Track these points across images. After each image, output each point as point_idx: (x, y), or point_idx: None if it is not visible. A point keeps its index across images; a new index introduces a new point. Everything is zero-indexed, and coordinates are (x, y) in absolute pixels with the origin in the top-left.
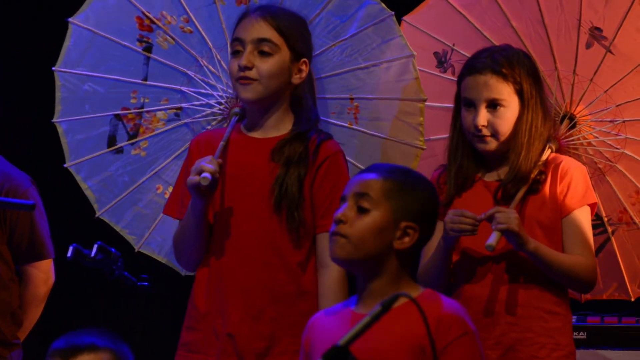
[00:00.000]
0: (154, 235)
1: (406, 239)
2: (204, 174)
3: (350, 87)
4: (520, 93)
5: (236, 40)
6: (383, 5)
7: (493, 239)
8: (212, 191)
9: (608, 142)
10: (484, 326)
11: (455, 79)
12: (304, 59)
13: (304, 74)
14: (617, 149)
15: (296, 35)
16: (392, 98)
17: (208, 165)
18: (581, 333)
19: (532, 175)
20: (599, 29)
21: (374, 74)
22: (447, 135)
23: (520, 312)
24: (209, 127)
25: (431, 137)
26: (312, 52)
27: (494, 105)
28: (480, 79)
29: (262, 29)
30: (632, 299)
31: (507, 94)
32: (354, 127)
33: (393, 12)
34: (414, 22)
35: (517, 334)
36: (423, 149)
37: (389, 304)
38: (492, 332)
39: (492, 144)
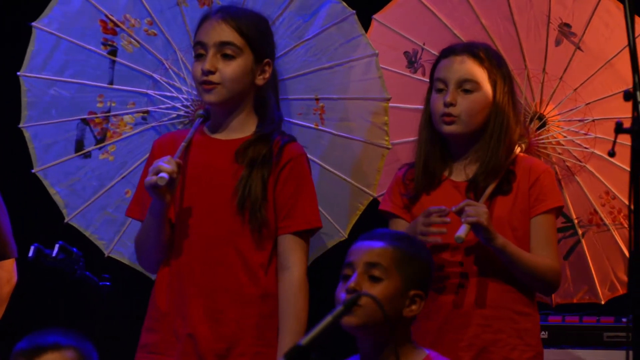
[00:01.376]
0: (123, 240)
1: (414, 307)
2: (161, 174)
3: (315, 88)
4: (493, 86)
5: (198, 44)
6: (344, 4)
7: (462, 231)
8: (171, 191)
9: (577, 141)
10: (457, 328)
11: (425, 79)
12: (267, 60)
13: (267, 75)
14: (586, 148)
15: (258, 36)
16: (356, 97)
17: (166, 165)
18: (543, 332)
19: (502, 173)
20: (568, 25)
21: (338, 73)
22: (415, 138)
23: (492, 313)
24: (175, 130)
25: (397, 140)
26: (274, 52)
27: (466, 89)
28: (456, 59)
29: (224, 32)
30: (603, 302)
31: (480, 78)
32: (320, 127)
33: (354, 11)
34: (384, 21)
35: (489, 335)
36: (389, 148)
37: (350, 304)
38: (464, 334)
39: (459, 127)
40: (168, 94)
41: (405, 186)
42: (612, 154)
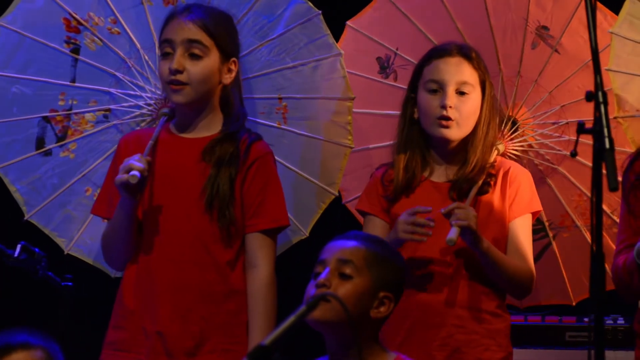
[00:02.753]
0: (83, 237)
1: (382, 309)
2: (132, 172)
3: (278, 87)
4: (482, 88)
5: (165, 42)
6: (310, 4)
7: (454, 233)
8: (141, 189)
9: (550, 144)
10: (431, 327)
11: (398, 84)
12: (233, 59)
13: (233, 74)
14: (559, 151)
15: (225, 35)
16: (320, 97)
17: (137, 163)
18: None
19: (484, 175)
20: (546, 28)
21: (302, 73)
22: (386, 144)
23: (466, 314)
24: (138, 128)
25: (370, 146)
26: (239, 50)
27: (462, 92)
28: (451, 61)
29: (192, 31)
30: (574, 304)
31: (474, 80)
32: (282, 127)
33: (320, 11)
34: (357, 26)
35: (463, 335)
36: (351, 147)
37: (313, 304)
38: (438, 334)
39: (454, 132)
40: (131, 92)
41: (384, 187)
42: (573, 154)
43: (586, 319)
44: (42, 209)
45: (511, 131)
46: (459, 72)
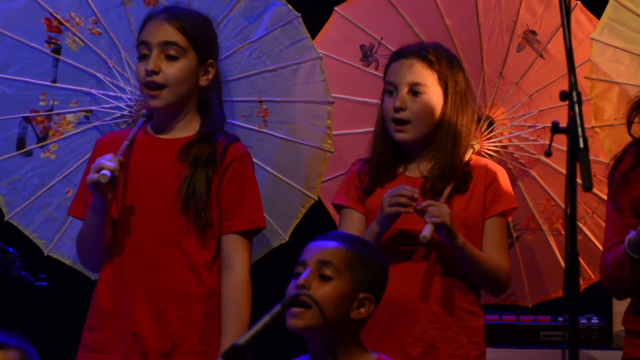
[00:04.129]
0: (63, 239)
1: (362, 310)
2: (103, 171)
3: (259, 90)
4: (444, 87)
5: (142, 44)
6: (290, 7)
7: (427, 231)
8: (113, 189)
9: (525, 147)
10: (406, 323)
11: (379, 74)
12: (211, 60)
13: (210, 75)
14: (532, 154)
15: (202, 36)
16: (300, 101)
17: (108, 162)
18: None
19: (458, 173)
20: (533, 32)
21: (282, 76)
22: (364, 130)
23: (441, 310)
24: (118, 129)
25: (345, 131)
26: (218, 52)
27: (415, 92)
28: (405, 63)
29: (168, 32)
30: (530, 306)
31: (430, 81)
32: (263, 130)
33: (300, 14)
34: (345, 13)
35: (438, 331)
36: (331, 152)
37: (288, 304)
38: (413, 330)
39: (410, 133)
40: (111, 93)
41: (360, 180)
42: (548, 153)
43: (560, 319)
44: (22, 210)
45: (487, 130)
46: (411, 74)
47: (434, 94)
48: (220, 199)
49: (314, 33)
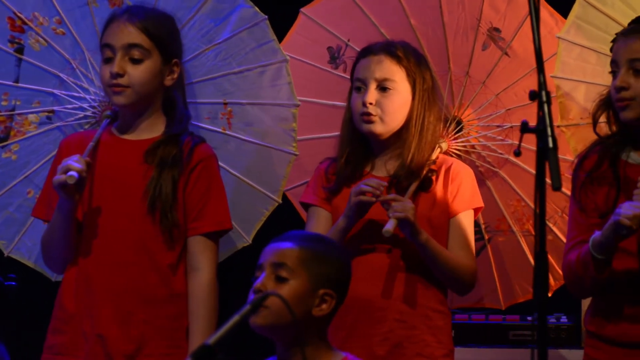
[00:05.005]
0: (24, 240)
1: (324, 306)
2: (70, 173)
3: (224, 92)
4: (412, 84)
5: (106, 46)
6: (257, 9)
7: (390, 225)
8: (80, 191)
9: (493, 147)
10: (372, 322)
11: (346, 76)
12: (175, 60)
13: (175, 75)
14: (501, 154)
15: (166, 36)
16: (265, 103)
17: (75, 164)
18: None
19: (424, 172)
20: (497, 30)
21: (247, 78)
22: (331, 134)
23: (407, 309)
24: (81, 130)
25: (314, 135)
26: (182, 51)
27: (383, 88)
28: (373, 59)
29: (132, 35)
30: (503, 308)
31: (398, 77)
32: (227, 132)
33: (266, 16)
34: (311, 14)
35: (404, 331)
36: (296, 154)
37: (257, 304)
38: (379, 329)
39: (378, 126)
40: (75, 94)
41: (327, 179)
42: (517, 153)
43: (529, 318)
44: None
45: (455, 131)
46: (380, 69)
47: (402, 89)
48: (187, 200)
49: (283, 34)
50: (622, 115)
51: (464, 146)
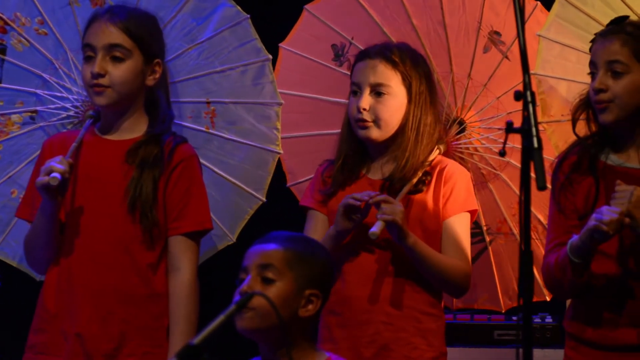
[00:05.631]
0: (8, 240)
1: (310, 307)
2: (53, 174)
3: (207, 91)
4: (408, 87)
5: (87, 46)
6: (239, 8)
7: (377, 227)
8: (63, 192)
9: (494, 149)
10: (359, 324)
11: (350, 73)
12: (157, 60)
13: (157, 75)
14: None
15: (147, 36)
16: (248, 102)
17: (58, 165)
18: None
19: (419, 173)
20: (498, 33)
21: (230, 77)
22: (334, 131)
23: (395, 311)
24: (64, 130)
25: (317, 132)
26: (164, 51)
27: (378, 92)
28: (369, 63)
29: (113, 35)
30: (503, 310)
31: (394, 82)
32: (211, 131)
33: (249, 15)
34: (315, 11)
35: (391, 333)
36: (279, 153)
37: (242, 304)
38: (366, 331)
39: (373, 132)
40: (58, 94)
41: (323, 182)
42: (502, 153)
43: (514, 318)
44: None
45: (457, 131)
46: (374, 74)
47: (397, 94)
48: (167, 200)
49: (284, 32)
50: (601, 118)
51: (467, 148)
